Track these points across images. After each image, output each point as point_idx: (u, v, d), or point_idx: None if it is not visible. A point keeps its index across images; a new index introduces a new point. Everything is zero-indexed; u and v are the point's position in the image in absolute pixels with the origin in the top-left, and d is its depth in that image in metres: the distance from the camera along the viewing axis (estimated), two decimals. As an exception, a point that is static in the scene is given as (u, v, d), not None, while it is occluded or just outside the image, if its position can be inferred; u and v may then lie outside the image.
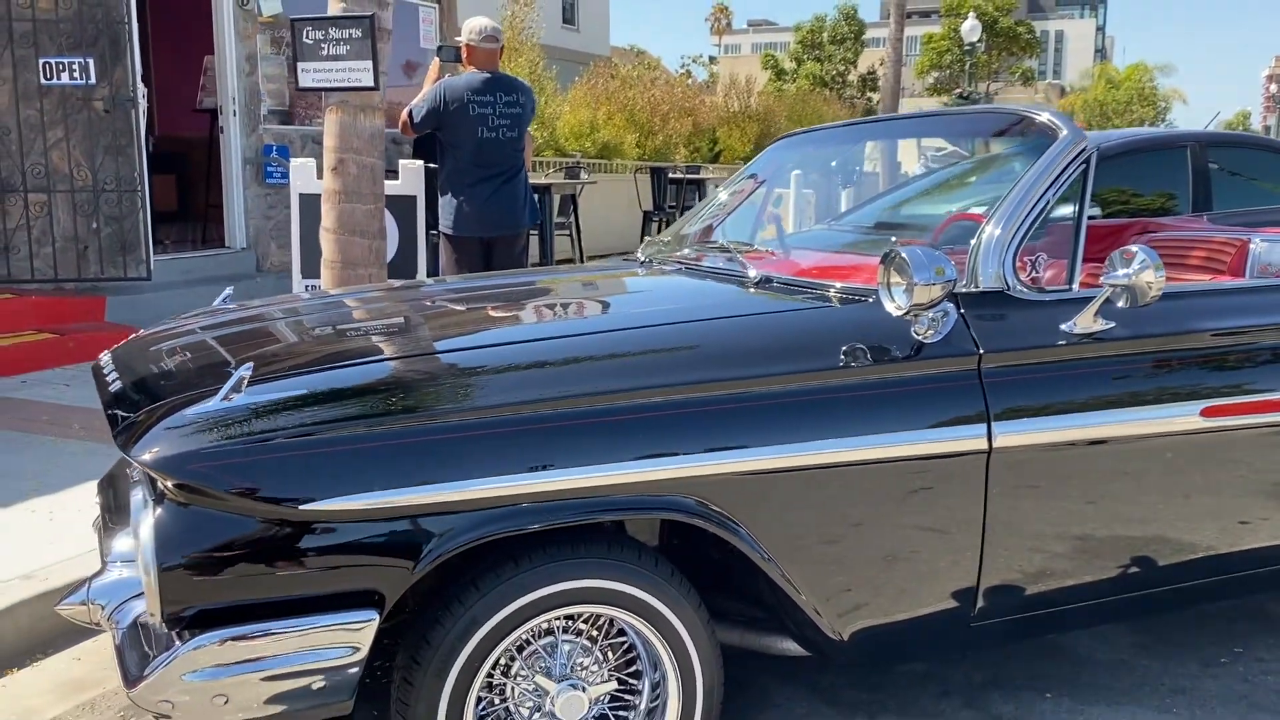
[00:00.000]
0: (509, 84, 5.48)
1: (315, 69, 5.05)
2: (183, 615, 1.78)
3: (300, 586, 1.82)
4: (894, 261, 2.16)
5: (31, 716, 2.63)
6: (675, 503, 2.00)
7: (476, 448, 1.89)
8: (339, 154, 5.03)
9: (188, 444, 1.80)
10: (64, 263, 6.75)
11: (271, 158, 8.27)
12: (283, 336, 2.53)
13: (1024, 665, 2.79)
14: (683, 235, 3.37)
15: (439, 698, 1.91)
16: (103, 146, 6.78)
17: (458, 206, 5.43)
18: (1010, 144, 2.73)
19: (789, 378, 2.13)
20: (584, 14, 28.24)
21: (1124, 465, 2.37)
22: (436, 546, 1.85)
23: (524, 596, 1.94)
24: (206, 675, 1.75)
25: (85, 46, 6.57)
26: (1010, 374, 2.26)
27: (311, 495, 1.78)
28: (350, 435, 1.85)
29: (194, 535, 1.77)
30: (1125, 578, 2.45)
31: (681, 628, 2.06)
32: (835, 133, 3.45)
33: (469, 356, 2.22)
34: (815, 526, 2.15)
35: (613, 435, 1.98)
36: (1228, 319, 2.53)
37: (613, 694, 2.13)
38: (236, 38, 7.99)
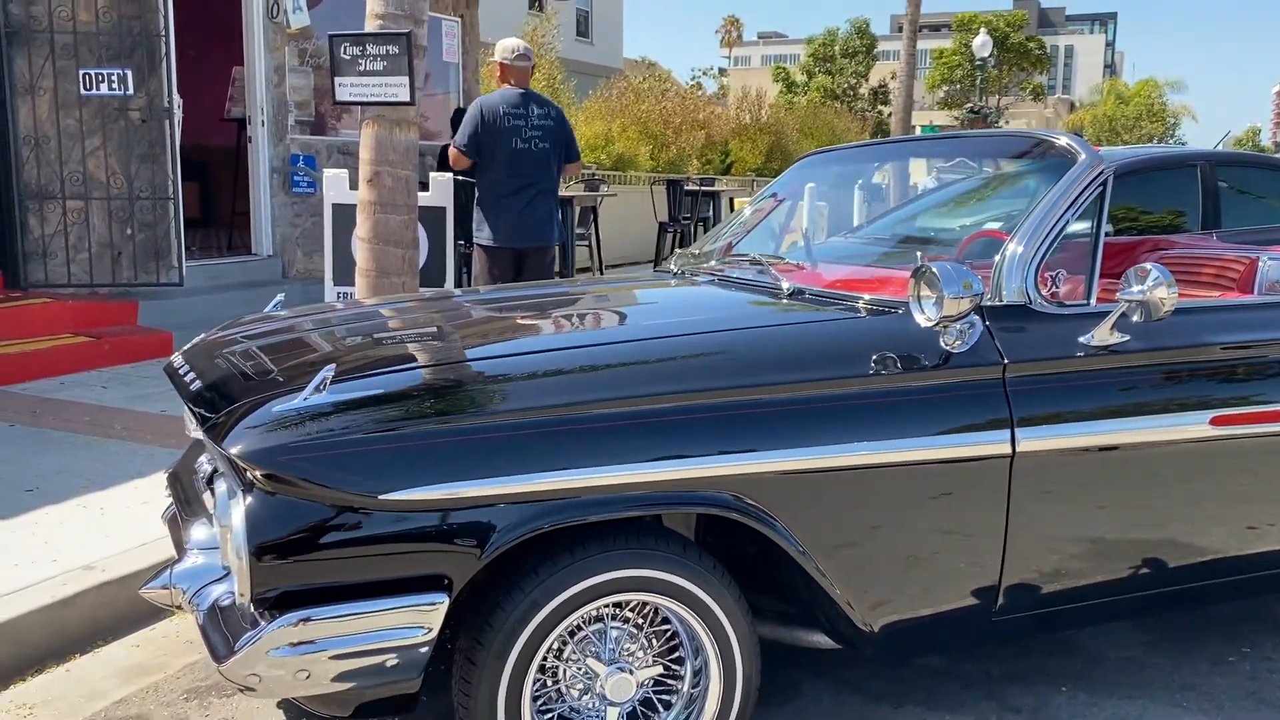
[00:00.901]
0: (541, 100, 5.69)
1: (352, 84, 5.22)
2: (269, 596, 1.93)
3: (376, 571, 1.97)
4: (924, 276, 2.31)
5: (97, 699, 2.77)
6: (715, 498, 2.15)
7: (537, 445, 2.04)
8: (374, 166, 5.20)
9: (276, 438, 1.96)
10: (99, 268, 6.93)
11: (298, 167, 8.45)
12: (349, 341, 2.69)
13: (1039, 662, 2.93)
14: (712, 249, 3.53)
15: (500, 677, 2.06)
16: (137, 155, 6.97)
17: (493, 218, 5.61)
18: (1030, 165, 2.88)
19: (822, 384, 2.28)
20: (598, 27, 28.49)
21: (1137, 470, 2.51)
22: (501, 535, 2.00)
23: (579, 583, 2.08)
24: (290, 652, 1.90)
25: (123, 58, 6.76)
26: (1032, 383, 2.41)
27: (389, 486, 1.93)
28: (424, 431, 2.01)
29: (281, 522, 1.92)
30: (1138, 577, 2.59)
31: (723, 616, 2.21)
32: (856, 153, 3.61)
33: (527, 361, 2.37)
34: (848, 524, 2.29)
35: (660, 435, 2.13)
36: (1236, 333, 2.67)
37: (657, 679, 2.27)
38: (266, 49, 8.17)
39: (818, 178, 3.71)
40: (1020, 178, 2.86)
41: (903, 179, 3.36)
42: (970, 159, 3.15)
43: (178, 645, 3.08)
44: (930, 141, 3.23)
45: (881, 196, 3.36)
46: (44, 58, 6.57)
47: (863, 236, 3.41)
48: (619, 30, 30.78)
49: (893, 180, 3.36)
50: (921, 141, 3.26)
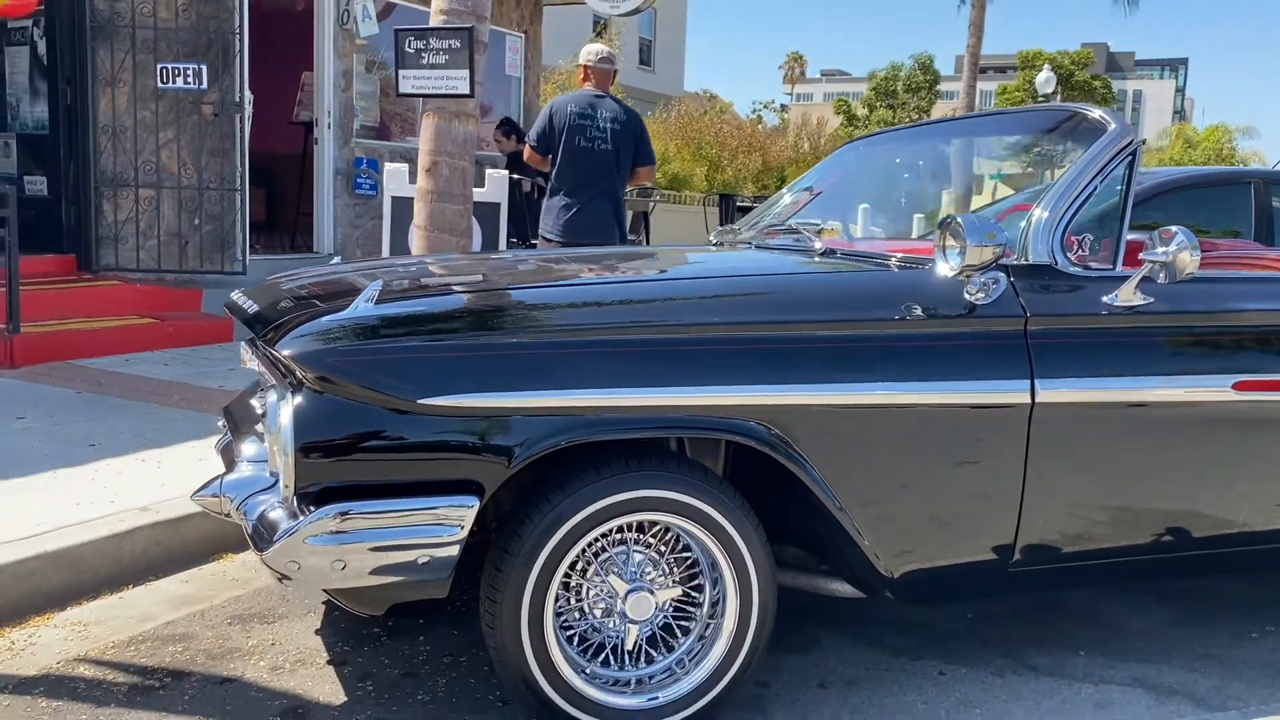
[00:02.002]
0: (615, 105, 5.67)
1: (415, 76, 5.42)
2: (311, 491, 2.05)
3: (413, 472, 2.08)
4: (950, 226, 2.40)
5: (147, 621, 2.92)
6: (740, 426, 2.24)
7: (571, 363, 2.15)
8: (433, 156, 5.39)
9: (325, 343, 2.10)
10: (166, 255, 7.20)
11: (362, 170, 8.71)
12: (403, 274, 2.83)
13: (1061, 627, 2.96)
14: (750, 226, 3.63)
15: (525, 584, 2.16)
16: (208, 149, 7.26)
17: (554, 214, 5.65)
18: (1066, 137, 2.94)
19: (852, 324, 2.37)
20: (660, 56, 28.84)
21: (1157, 430, 2.55)
22: (529, 446, 2.10)
23: (603, 499, 2.18)
24: (329, 540, 2.02)
25: (199, 54, 7.06)
26: (1054, 336, 2.47)
27: (428, 392, 2.05)
28: (464, 344, 2.13)
29: (326, 421, 2.05)
30: (1154, 539, 2.63)
31: (741, 543, 2.29)
32: (895, 136, 3.70)
33: (566, 292, 2.50)
34: (870, 465, 2.36)
35: (687, 362, 2.22)
36: (1262, 303, 2.71)
37: (676, 604, 2.35)
38: (335, 55, 8.47)
39: (858, 164, 3.80)
40: (1056, 149, 2.92)
41: (942, 160, 3.44)
42: (1008, 135, 3.23)
43: (224, 582, 3.22)
44: (969, 120, 3.31)
45: (921, 178, 3.44)
46: (125, 51, 6.89)
47: (898, 213, 3.49)
48: (681, 60, 31.14)
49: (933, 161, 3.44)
50: (959, 121, 3.34)
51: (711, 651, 2.34)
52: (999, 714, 2.47)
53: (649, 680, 2.33)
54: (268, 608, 3.00)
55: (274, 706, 2.43)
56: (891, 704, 2.50)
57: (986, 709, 2.49)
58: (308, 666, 2.63)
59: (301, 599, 3.04)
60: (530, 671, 2.20)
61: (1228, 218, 5.94)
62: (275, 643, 2.77)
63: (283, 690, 2.51)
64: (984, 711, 2.48)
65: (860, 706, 2.49)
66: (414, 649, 2.74)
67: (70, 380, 5.42)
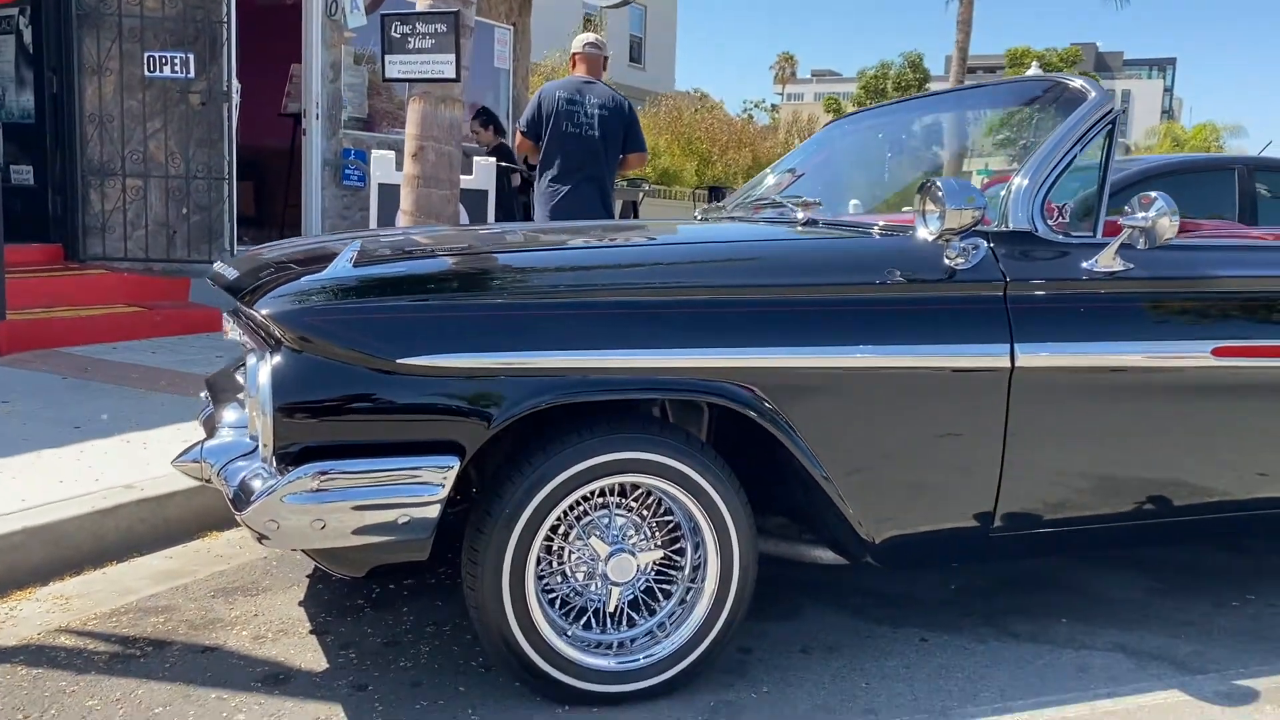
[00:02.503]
0: (604, 92, 5.66)
1: (401, 61, 5.41)
2: (291, 451, 2.05)
3: (392, 433, 2.08)
4: (929, 190, 2.41)
5: (129, 594, 2.91)
6: (726, 389, 2.24)
7: (553, 324, 2.15)
8: (419, 141, 5.38)
9: (304, 302, 2.10)
10: (154, 245, 7.19)
11: (350, 161, 8.69)
12: (385, 241, 2.83)
13: (1041, 598, 2.97)
14: (736, 203, 3.64)
15: (506, 546, 2.16)
16: (195, 139, 7.24)
17: (543, 200, 5.64)
18: (1047, 108, 2.95)
19: (834, 288, 2.38)
20: (650, 54, 28.86)
21: (1137, 394, 2.56)
22: (509, 406, 2.10)
23: (585, 461, 2.18)
24: (308, 499, 2.01)
25: (186, 44, 7.05)
26: (1033, 301, 2.48)
27: (407, 351, 2.05)
28: (444, 304, 2.13)
29: (305, 380, 2.05)
30: (1133, 505, 2.64)
31: (722, 505, 2.29)
32: (879, 112, 3.71)
33: (548, 256, 2.51)
34: (854, 428, 2.37)
35: (673, 324, 2.23)
36: (1242, 269, 2.73)
37: (658, 568, 2.35)
38: (323, 46, 8.44)
39: (843, 142, 3.80)
40: (1037, 120, 2.93)
41: (927, 134, 3.45)
42: (989, 108, 3.24)
43: (209, 558, 3.22)
44: (952, 94, 3.33)
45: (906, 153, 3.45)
46: (111, 40, 6.87)
47: (883, 189, 3.50)
48: (671, 58, 31.15)
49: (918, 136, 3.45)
50: (943, 95, 3.36)
51: (693, 614, 2.34)
52: (980, 678, 2.48)
53: (630, 643, 2.34)
54: (251, 581, 3.00)
55: (255, 673, 2.42)
56: (873, 669, 2.51)
57: (968, 673, 2.50)
58: (290, 636, 2.63)
59: (286, 572, 3.04)
60: (511, 633, 2.20)
61: (1212, 203, 5.96)
62: (258, 613, 2.76)
63: (264, 658, 2.50)
64: (965, 676, 2.49)
65: (842, 671, 2.49)
66: (397, 619, 2.74)
67: (56, 367, 5.40)
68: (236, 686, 2.36)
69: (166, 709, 2.24)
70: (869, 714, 2.29)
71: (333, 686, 2.36)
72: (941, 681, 2.46)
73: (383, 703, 2.29)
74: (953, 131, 3.42)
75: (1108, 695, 2.40)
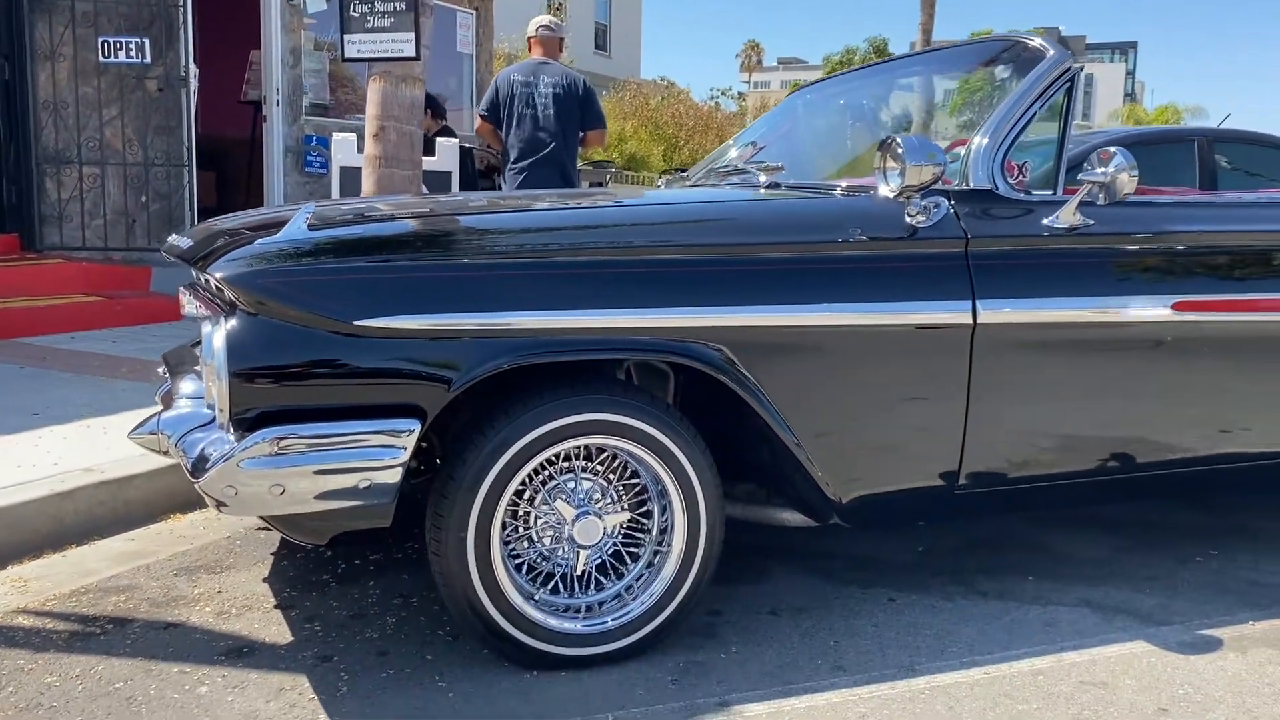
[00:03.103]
0: (557, 70, 5.77)
1: (360, 40, 5.35)
2: (248, 417, 2.01)
3: (351, 396, 2.05)
4: (889, 147, 2.40)
5: (89, 575, 2.86)
6: (692, 349, 2.22)
7: (513, 285, 2.13)
8: (380, 121, 5.32)
9: (259, 264, 2.06)
10: (113, 234, 7.08)
11: (312, 147, 8.60)
12: (344, 206, 2.80)
13: (1009, 558, 2.99)
14: (699, 172, 3.63)
15: (470, 510, 2.13)
16: (153, 125, 7.13)
17: (508, 182, 5.80)
18: (1008, 68, 2.95)
19: (797, 247, 2.37)
20: (616, 41, 28.75)
21: (1098, 350, 2.58)
22: (470, 369, 2.08)
23: (548, 423, 2.16)
24: (264, 464, 1.98)
25: (142, 29, 6.93)
26: (994, 258, 2.48)
27: (363, 313, 2.02)
28: (401, 265, 2.10)
29: (260, 344, 2.01)
30: (1096, 459, 2.66)
31: (688, 465, 2.28)
32: (841, 80, 3.71)
33: (509, 219, 2.48)
34: (819, 388, 2.36)
35: (636, 284, 2.21)
36: (1200, 224, 2.74)
37: (625, 531, 2.34)
38: (283, 30, 8.34)
39: (804, 112, 3.79)
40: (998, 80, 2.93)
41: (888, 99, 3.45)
42: (952, 70, 3.24)
43: (171, 539, 3.17)
44: (913, 58, 3.33)
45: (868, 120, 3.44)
46: (64, 25, 6.75)
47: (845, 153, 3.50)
48: (637, 45, 31.04)
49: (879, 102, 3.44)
50: (902, 61, 3.35)
51: (660, 576, 2.33)
52: (948, 635, 2.48)
53: (599, 606, 2.32)
54: (215, 559, 2.96)
55: (219, 647, 2.39)
56: (842, 627, 2.51)
57: (936, 630, 2.51)
58: (254, 611, 2.60)
59: (250, 550, 3.00)
60: (477, 598, 2.18)
61: (1173, 175, 6.01)
62: (221, 590, 2.73)
63: (228, 633, 2.47)
64: (933, 633, 2.49)
65: (811, 631, 2.49)
66: (363, 593, 2.71)
67: (13, 356, 5.31)
68: (199, 660, 2.32)
69: (128, 683, 2.21)
70: (837, 671, 2.29)
71: (297, 658, 2.34)
72: (910, 638, 2.46)
73: (348, 672, 2.27)
74: (914, 95, 3.42)
75: (1074, 648, 2.42)
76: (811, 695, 2.18)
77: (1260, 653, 2.41)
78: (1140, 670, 2.31)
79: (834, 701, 2.16)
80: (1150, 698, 2.18)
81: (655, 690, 2.20)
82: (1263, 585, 2.83)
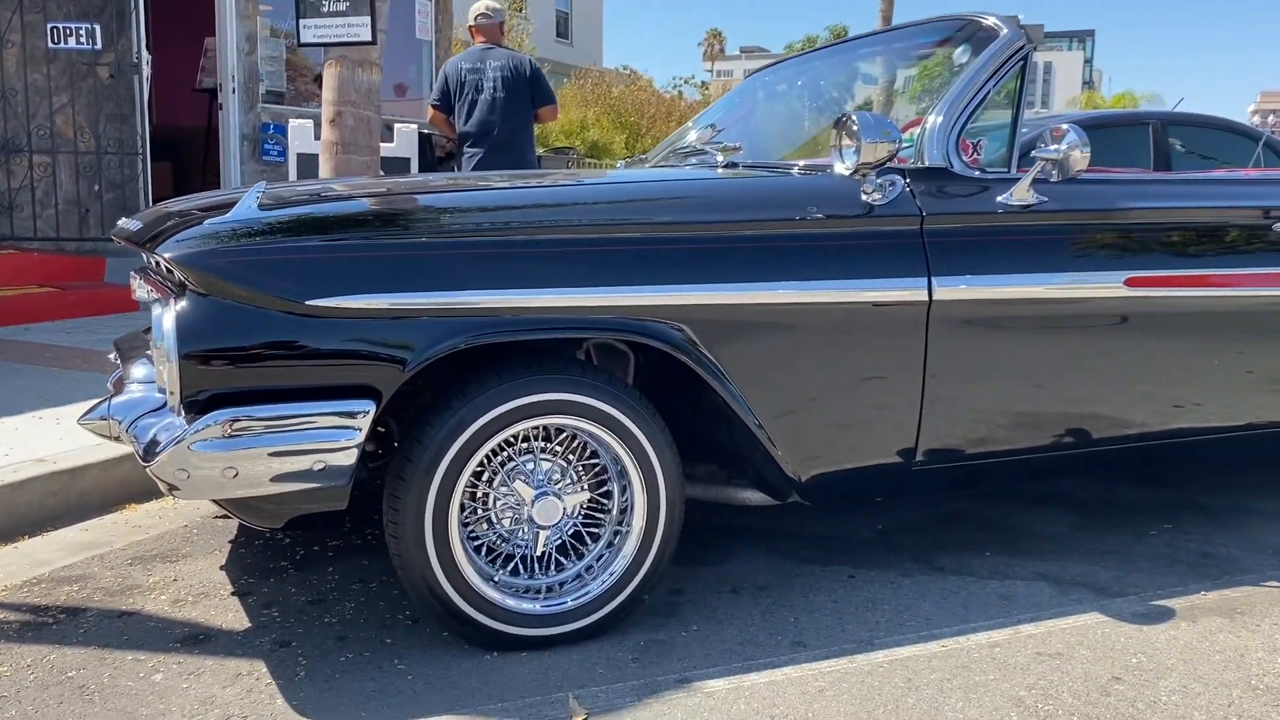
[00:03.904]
0: (502, 54, 5.89)
1: (316, 25, 5.28)
2: (199, 399, 1.98)
3: (304, 378, 2.02)
4: (845, 125, 2.41)
5: (42, 566, 2.81)
6: (655, 329, 2.21)
7: (468, 264, 2.11)
8: (337, 106, 5.27)
9: (208, 244, 2.03)
10: (66, 224, 6.96)
11: (269, 135, 8.50)
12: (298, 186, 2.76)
13: (968, 534, 3.02)
14: (657, 154, 3.62)
15: (428, 491, 2.12)
16: (106, 113, 7.02)
17: (462, 167, 5.84)
18: (961, 46, 2.97)
19: (755, 224, 2.37)
20: (578, 29, 28.64)
21: (1054, 325, 2.60)
22: (424, 349, 2.06)
23: (506, 404, 2.14)
24: (216, 446, 1.95)
25: (92, 14, 6.81)
26: (950, 235, 2.49)
27: (315, 293, 1.99)
28: (353, 243, 2.08)
29: (212, 325, 1.98)
30: (1051, 435, 2.69)
31: (647, 444, 2.27)
32: (799, 61, 3.71)
33: (464, 198, 2.46)
34: (778, 366, 2.36)
35: (592, 262, 2.20)
36: (1151, 201, 2.78)
37: (586, 512, 2.33)
38: (238, 16, 8.22)
39: (762, 94, 3.79)
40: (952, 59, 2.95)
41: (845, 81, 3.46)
42: (906, 50, 3.25)
43: (126, 529, 3.13)
44: (869, 38, 3.34)
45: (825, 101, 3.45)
46: (12, 10, 6.62)
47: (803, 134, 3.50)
48: (599, 34, 30.94)
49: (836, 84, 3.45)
50: (859, 41, 3.36)
51: (620, 555, 2.33)
52: (906, 609, 2.50)
53: (559, 587, 2.32)
54: (171, 548, 2.92)
55: (174, 635, 2.36)
56: (802, 604, 2.52)
57: (895, 605, 2.52)
58: (210, 598, 2.57)
59: (207, 539, 2.97)
60: (436, 580, 2.16)
61: (1128, 158, 6.08)
62: (178, 579, 2.69)
63: (184, 620, 2.44)
64: (892, 608, 2.51)
65: (771, 607, 2.50)
66: (322, 578, 2.69)
67: (-37, 348, 5.21)
68: (155, 648, 2.29)
69: (80, 672, 2.18)
70: (798, 646, 2.30)
71: (255, 644, 2.31)
72: (869, 614, 2.48)
73: (306, 657, 2.24)
74: (871, 75, 3.43)
75: (1030, 620, 2.44)
76: (771, 671, 2.19)
77: (1211, 621, 2.45)
78: (1095, 641, 2.34)
79: (793, 676, 2.17)
80: (1104, 667, 2.21)
81: (616, 669, 2.20)
82: (1214, 557, 2.87)
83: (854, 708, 2.04)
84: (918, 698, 2.09)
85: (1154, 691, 2.11)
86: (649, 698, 2.08)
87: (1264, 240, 2.86)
